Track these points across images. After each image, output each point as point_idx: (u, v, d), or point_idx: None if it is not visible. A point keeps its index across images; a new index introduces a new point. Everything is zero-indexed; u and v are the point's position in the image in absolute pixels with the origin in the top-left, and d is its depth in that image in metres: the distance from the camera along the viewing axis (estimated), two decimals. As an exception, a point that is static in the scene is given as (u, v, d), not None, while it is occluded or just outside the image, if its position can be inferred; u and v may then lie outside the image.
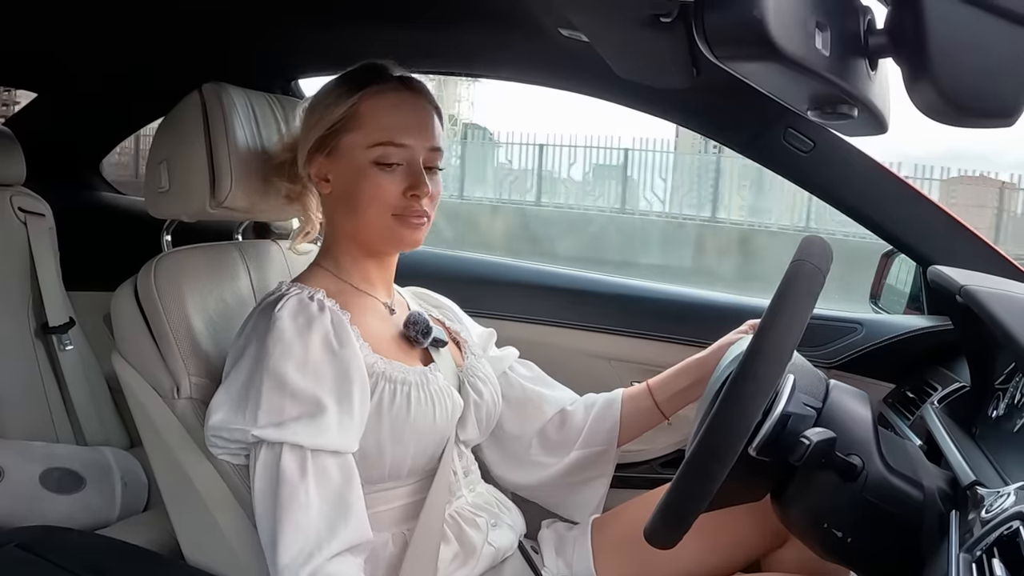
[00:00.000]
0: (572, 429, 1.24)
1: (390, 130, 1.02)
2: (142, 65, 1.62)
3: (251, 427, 0.93)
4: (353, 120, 1.03)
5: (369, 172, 1.02)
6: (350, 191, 1.04)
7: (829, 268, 0.83)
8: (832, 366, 1.42)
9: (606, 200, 9.44)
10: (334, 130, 1.04)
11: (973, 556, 0.67)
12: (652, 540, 0.80)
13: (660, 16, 0.65)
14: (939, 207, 1.35)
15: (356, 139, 1.03)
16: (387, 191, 1.02)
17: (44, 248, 1.61)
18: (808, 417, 0.84)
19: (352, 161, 1.03)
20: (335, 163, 1.05)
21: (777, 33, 0.55)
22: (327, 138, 1.04)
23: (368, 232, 1.05)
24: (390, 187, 1.02)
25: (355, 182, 1.03)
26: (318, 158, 1.05)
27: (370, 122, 1.03)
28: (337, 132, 1.04)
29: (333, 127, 1.03)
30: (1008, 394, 1.00)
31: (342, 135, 1.03)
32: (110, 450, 1.54)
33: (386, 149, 1.02)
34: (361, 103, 1.03)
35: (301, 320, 0.97)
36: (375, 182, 1.02)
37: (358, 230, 1.06)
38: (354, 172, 1.03)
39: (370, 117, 1.03)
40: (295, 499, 0.92)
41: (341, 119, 1.03)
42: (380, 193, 1.02)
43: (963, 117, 0.63)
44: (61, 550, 1.06)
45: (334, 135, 1.04)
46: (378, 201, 1.02)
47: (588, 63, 1.16)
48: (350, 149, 1.03)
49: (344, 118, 1.03)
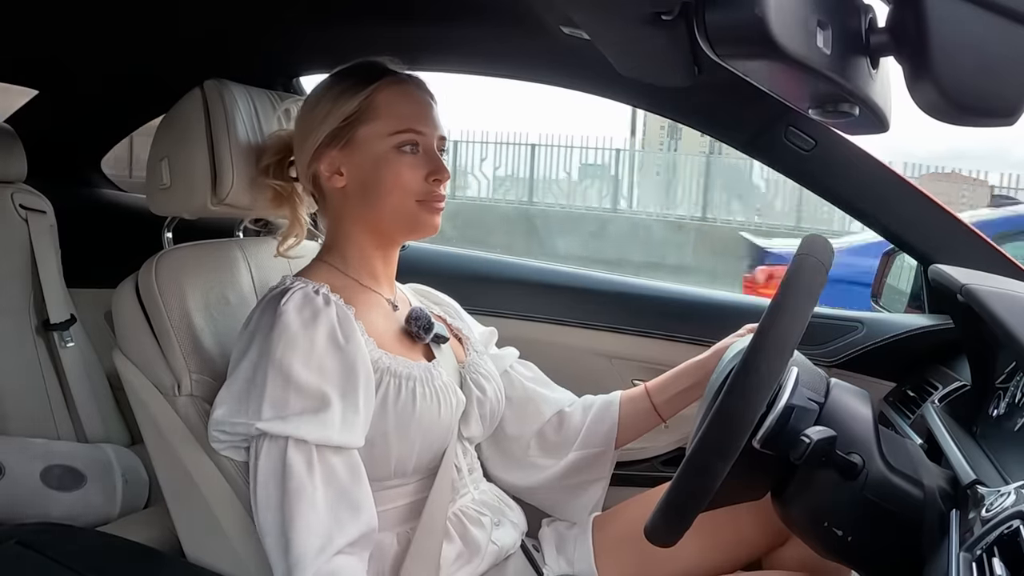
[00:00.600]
0: (570, 430, 1.24)
1: (409, 118, 1.04)
2: (143, 62, 1.62)
3: (255, 420, 0.93)
4: (369, 111, 1.04)
5: (391, 159, 1.03)
6: (369, 181, 1.04)
7: (831, 264, 0.83)
8: (833, 364, 1.42)
9: (515, 193, 10.75)
10: (349, 122, 1.04)
11: (973, 555, 0.67)
12: (652, 538, 0.80)
13: (661, 14, 0.65)
14: (940, 206, 1.35)
15: (375, 129, 1.04)
16: (410, 177, 1.04)
17: (45, 245, 1.61)
18: (811, 411, 0.84)
19: (371, 151, 1.04)
20: (350, 155, 1.05)
21: (778, 31, 0.55)
22: (342, 130, 1.04)
23: (389, 219, 1.06)
24: (412, 173, 1.04)
25: (376, 170, 1.04)
26: (329, 152, 1.05)
27: (387, 111, 1.04)
28: (353, 124, 1.04)
29: (348, 119, 1.04)
30: (1009, 393, 1.00)
31: (358, 127, 1.04)
32: (111, 447, 1.54)
33: (408, 136, 1.04)
34: (376, 95, 1.04)
35: (307, 313, 0.97)
36: (397, 169, 1.03)
37: (379, 218, 1.06)
38: (374, 161, 1.04)
39: (387, 107, 1.04)
40: (303, 494, 0.91)
41: (356, 111, 1.04)
42: (403, 179, 1.03)
43: (964, 116, 0.63)
44: (62, 547, 1.06)
45: (348, 127, 1.04)
46: (401, 187, 1.04)
47: (590, 61, 1.16)
48: (368, 139, 1.04)
49: (360, 110, 1.04)
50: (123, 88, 1.75)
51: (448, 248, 1.77)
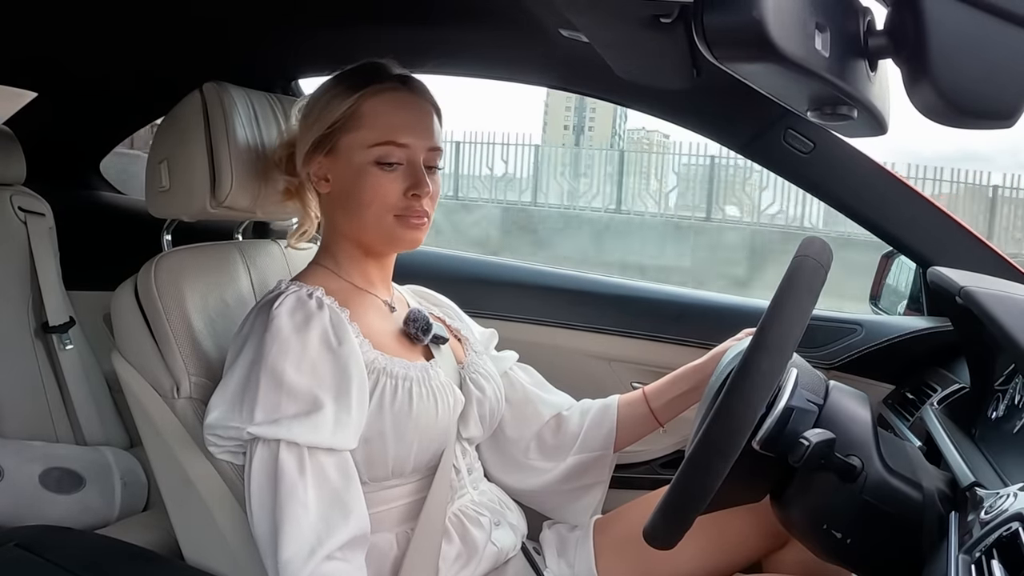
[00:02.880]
0: (568, 434, 1.24)
1: (391, 129, 1.02)
2: (142, 65, 1.62)
3: (247, 424, 0.93)
4: (353, 120, 1.03)
5: (369, 172, 1.02)
6: (350, 191, 1.03)
7: (830, 265, 0.83)
8: (832, 367, 1.42)
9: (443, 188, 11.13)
10: (333, 129, 1.03)
11: (972, 557, 0.67)
12: (651, 539, 0.80)
13: (660, 17, 0.65)
14: (939, 208, 1.35)
15: (356, 139, 1.02)
16: (388, 191, 1.02)
17: (44, 248, 1.61)
18: (811, 412, 0.84)
19: (352, 161, 1.03)
20: (334, 163, 1.04)
21: (777, 34, 0.55)
22: (326, 137, 1.04)
23: (368, 232, 1.05)
24: (391, 187, 1.02)
25: (355, 182, 1.02)
26: (317, 157, 1.05)
27: (370, 122, 1.02)
28: (336, 132, 1.03)
29: (332, 126, 1.03)
30: (1007, 395, 1.00)
31: (341, 135, 1.03)
32: (110, 450, 1.54)
33: (387, 149, 1.01)
34: (361, 103, 1.02)
35: (299, 317, 0.97)
36: (375, 182, 1.02)
37: (358, 230, 1.06)
38: (354, 172, 1.02)
39: (370, 117, 1.02)
40: (294, 497, 0.92)
41: (340, 118, 1.03)
42: (381, 193, 1.02)
43: (963, 118, 0.63)
44: (61, 550, 1.06)
45: (333, 135, 1.03)
46: (379, 201, 1.02)
47: (588, 63, 1.16)
48: (350, 149, 1.03)
49: (344, 117, 1.03)
50: (122, 90, 1.75)
51: (447, 250, 1.77)
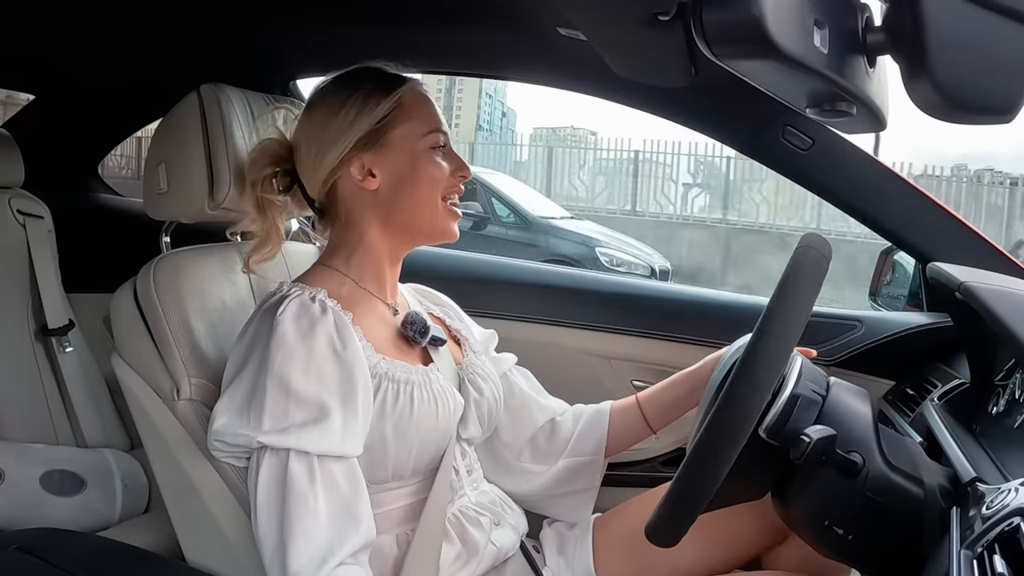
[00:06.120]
0: (560, 439, 1.25)
1: (434, 119, 1.09)
2: (140, 67, 1.62)
3: (256, 433, 0.93)
4: (401, 113, 1.06)
5: (427, 157, 1.07)
6: (405, 179, 1.06)
7: (831, 258, 0.83)
8: (832, 363, 1.42)
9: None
10: (383, 124, 1.06)
11: (974, 552, 0.67)
12: (653, 537, 0.80)
13: (659, 14, 0.65)
14: (938, 204, 1.35)
15: (409, 129, 1.07)
16: (442, 173, 1.08)
17: (43, 250, 1.61)
18: (815, 401, 0.84)
19: (407, 150, 1.06)
20: (384, 156, 1.06)
21: (775, 31, 0.55)
22: (376, 132, 1.06)
23: (424, 216, 1.08)
24: (442, 170, 1.08)
25: (413, 169, 1.06)
26: (360, 156, 1.06)
27: (416, 113, 1.07)
28: (386, 126, 1.06)
29: (382, 121, 1.06)
30: (1008, 390, 1.00)
31: (391, 128, 1.06)
32: (110, 452, 1.54)
33: (438, 136, 1.08)
34: (404, 97, 1.07)
35: (304, 323, 0.97)
36: (435, 164, 1.07)
37: (408, 216, 1.08)
38: (411, 160, 1.06)
39: (415, 108, 1.07)
40: (304, 506, 0.91)
41: (389, 113, 1.06)
42: (439, 175, 1.07)
43: (961, 114, 0.63)
44: (62, 552, 1.06)
45: (383, 129, 1.06)
46: (436, 183, 1.07)
47: (586, 62, 1.16)
48: (403, 139, 1.06)
49: (391, 111, 1.06)
50: (120, 93, 1.75)
51: (448, 250, 1.77)
